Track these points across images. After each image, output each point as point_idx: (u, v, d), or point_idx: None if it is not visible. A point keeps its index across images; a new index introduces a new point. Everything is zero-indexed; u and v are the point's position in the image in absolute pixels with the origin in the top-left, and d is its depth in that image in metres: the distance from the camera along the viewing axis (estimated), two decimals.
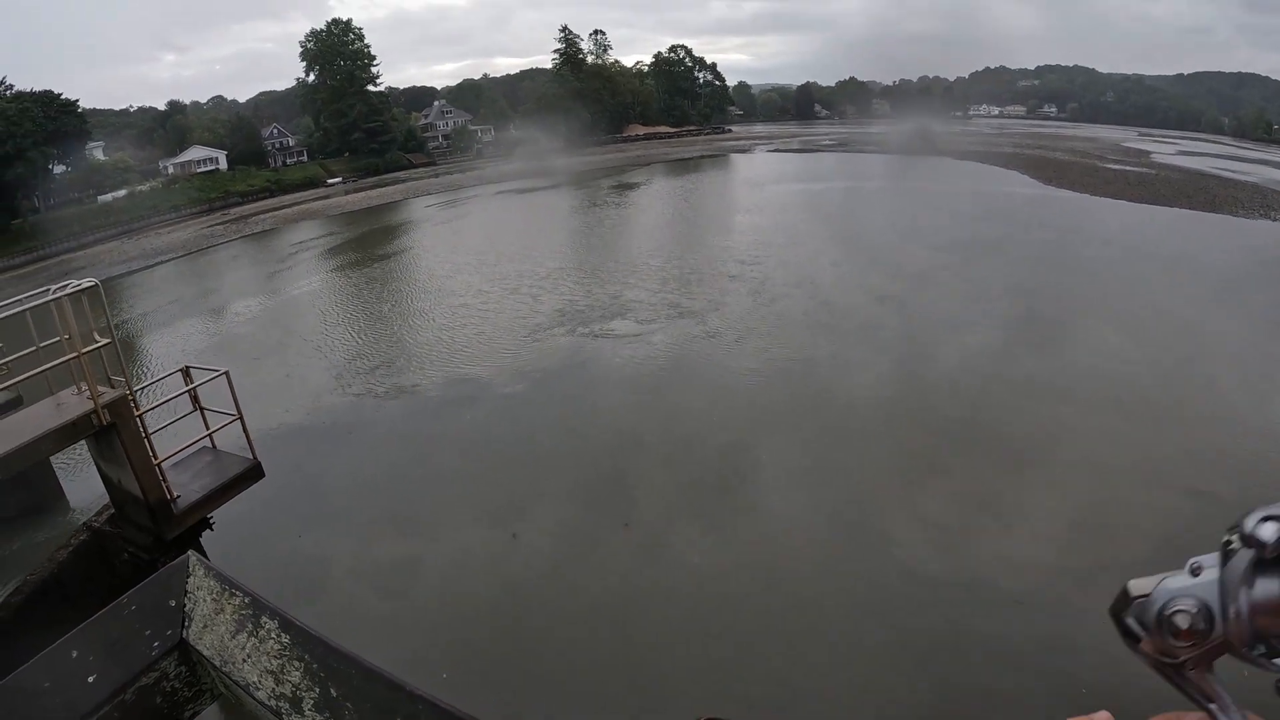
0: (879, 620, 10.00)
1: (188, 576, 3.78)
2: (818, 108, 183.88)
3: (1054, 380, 17.24)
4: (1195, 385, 16.97)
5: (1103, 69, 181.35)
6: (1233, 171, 59.41)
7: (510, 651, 9.86)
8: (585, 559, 11.98)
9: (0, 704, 3.17)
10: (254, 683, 3.20)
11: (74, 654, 3.40)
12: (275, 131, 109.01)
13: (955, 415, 15.78)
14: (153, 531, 8.91)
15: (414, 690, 2.96)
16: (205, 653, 3.41)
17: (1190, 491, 12.21)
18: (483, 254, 38.32)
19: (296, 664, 3.19)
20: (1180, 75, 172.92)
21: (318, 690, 3.05)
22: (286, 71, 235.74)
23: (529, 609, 10.75)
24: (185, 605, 3.63)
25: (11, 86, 78.71)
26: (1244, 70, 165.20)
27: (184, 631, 3.53)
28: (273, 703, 3.09)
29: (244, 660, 3.30)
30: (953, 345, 19.68)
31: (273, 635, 3.37)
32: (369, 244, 46.83)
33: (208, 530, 9.59)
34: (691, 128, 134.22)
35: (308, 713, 3.00)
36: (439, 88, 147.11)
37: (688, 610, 10.55)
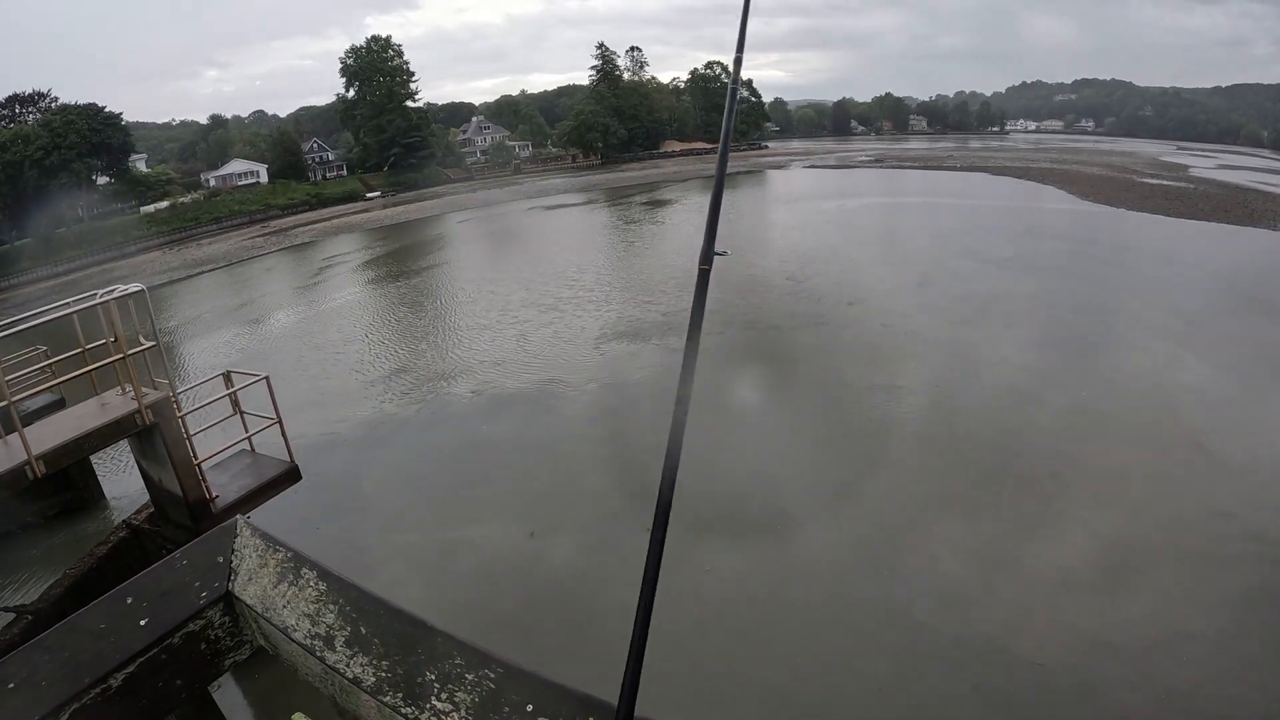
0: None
1: (235, 537, 4.13)
2: (854, 124, 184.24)
3: (1132, 414, 16.22)
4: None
5: (1140, 83, 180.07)
6: (1273, 185, 58.52)
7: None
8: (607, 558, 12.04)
9: (64, 640, 3.55)
10: (292, 625, 3.52)
11: (129, 600, 3.75)
12: (315, 146, 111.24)
13: (1018, 448, 14.96)
14: (191, 530, 9.17)
15: (434, 625, 3.29)
16: (249, 602, 3.74)
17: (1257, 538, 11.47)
18: (518, 269, 38.57)
19: (331, 607, 3.53)
20: (1218, 88, 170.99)
21: (349, 629, 3.37)
22: (326, 87, 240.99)
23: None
24: (232, 561, 3.97)
25: (56, 99, 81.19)
26: None
27: (230, 584, 3.86)
28: (308, 641, 3.40)
29: (284, 606, 3.62)
30: (1027, 374, 18.84)
31: (311, 583, 3.71)
32: (404, 258, 47.42)
33: None
34: None
35: (339, 648, 3.32)
36: (477, 104, 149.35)
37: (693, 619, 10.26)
